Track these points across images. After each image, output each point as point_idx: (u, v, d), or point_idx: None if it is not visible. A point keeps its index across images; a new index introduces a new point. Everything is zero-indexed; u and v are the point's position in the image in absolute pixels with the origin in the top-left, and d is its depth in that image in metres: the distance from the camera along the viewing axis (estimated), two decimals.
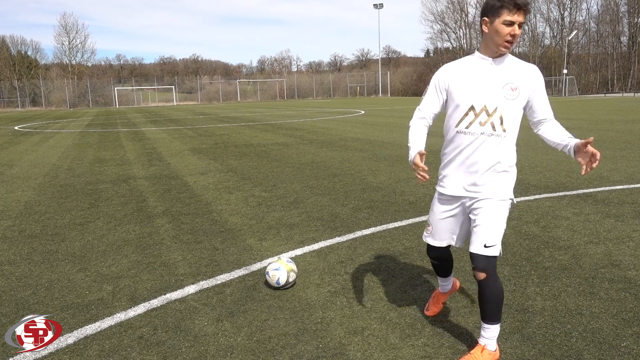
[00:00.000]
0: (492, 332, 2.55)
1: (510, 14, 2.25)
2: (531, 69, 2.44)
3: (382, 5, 72.39)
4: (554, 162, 8.51)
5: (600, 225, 4.79)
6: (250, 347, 2.78)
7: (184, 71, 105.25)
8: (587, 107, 27.17)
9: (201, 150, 11.97)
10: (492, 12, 2.30)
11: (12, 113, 50.17)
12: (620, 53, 64.09)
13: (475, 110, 2.41)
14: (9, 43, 77.10)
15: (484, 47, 2.42)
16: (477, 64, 2.43)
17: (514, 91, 2.38)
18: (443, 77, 2.51)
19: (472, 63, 2.45)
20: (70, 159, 11.20)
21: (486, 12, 2.34)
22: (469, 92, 2.41)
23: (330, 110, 31.80)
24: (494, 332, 2.56)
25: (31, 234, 5.16)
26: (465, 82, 2.43)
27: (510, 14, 2.25)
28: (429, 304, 3.15)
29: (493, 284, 2.48)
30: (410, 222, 5.14)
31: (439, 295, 3.12)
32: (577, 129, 14.27)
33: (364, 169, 8.54)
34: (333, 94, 78.07)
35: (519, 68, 2.42)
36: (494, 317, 2.53)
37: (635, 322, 2.91)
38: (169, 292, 3.54)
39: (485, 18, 2.34)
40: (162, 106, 58.91)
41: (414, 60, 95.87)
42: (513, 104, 2.39)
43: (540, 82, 2.45)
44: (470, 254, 2.52)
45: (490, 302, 2.50)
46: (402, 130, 15.64)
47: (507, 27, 2.27)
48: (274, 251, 4.36)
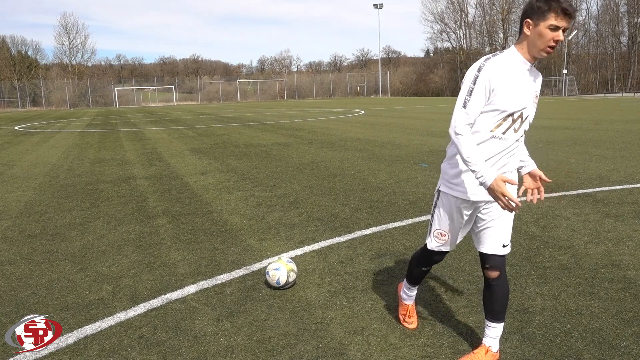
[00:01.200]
0: (497, 331, 2.57)
1: (557, 19, 2.15)
2: (540, 77, 2.47)
3: (382, 5, 72.45)
4: (554, 162, 8.51)
5: (600, 225, 4.79)
6: (250, 347, 2.78)
7: (184, 71, 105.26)
8: (587, 107, 27.16)
9: (201, 150, 11.97)
10: (537, 15, 2.18)
11: (12, 113, 50.18)
12: (620, 53, 64.13)
13: (513, 116, 2.30)
14: (9, 43, 77.22)
15: (522, 50, 2.28)
16: (519, 68, 2.29)
17: (537, 98, 2.40)
18: (494, 78, 2.24)
19: (516, 66, 2.29)
20: (70, 159, 11.20)
21: (530, 14, 2.21)
22: (514, 98, 2.28)
23: (330, 110, 31.79)
24: (499, 331, 2.58)
25: (31, 234, 5.16)
26: (511, 87, 2.27)
27: (557, 19, 2.15)
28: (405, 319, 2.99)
29: (503, 282, 2.53)
30: (410, 222, 5.14)
31: (412, 308, 3.00)
32: (577, 129, 14.27)
33: (364, 169, 8.54)
34: (333, 94, 78.08)
35: (538, 75, 2.43)
36: (501, 316, 2.56)
37: (635, 322, 2.91)
38: (169, 292, 3.54)
39: (528, 20, 2.22)
40: (162, 106, 58.91)
41: (414, 60, 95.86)
42: (535, 110, 2.42)
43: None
44: (483, 254, 2.51)
45: (499, 300, 2.53)
46: (402, 130, 15.64)
47: (552, 32, 2.17)
48: (274, 251, 4.36)
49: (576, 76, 60.74)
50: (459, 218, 2.52)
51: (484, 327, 2.62)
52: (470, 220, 2.57)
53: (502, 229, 2.48)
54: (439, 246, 2.65)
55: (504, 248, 2.50)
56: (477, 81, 2.25)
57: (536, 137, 12.23)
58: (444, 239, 2.61)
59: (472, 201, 2.45)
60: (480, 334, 2.76)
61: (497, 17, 71.31)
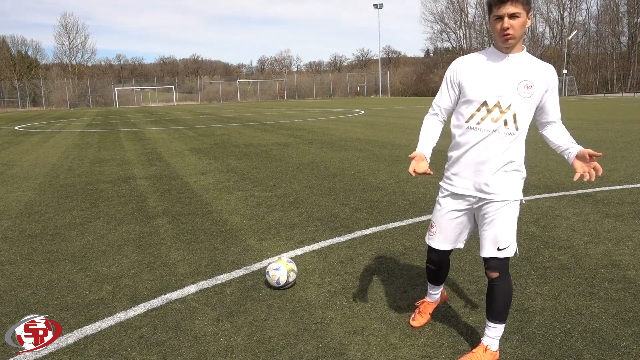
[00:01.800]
0: (497, 331, 2.55)
1: (497, 9, 2.24)
2: (547, 69, 2.38)
3: (382, 5, 72.41)
4: (554, 162, 8.51)
5: (600, 225, 4.79)
6: (250, 347, 2.78)
7: (184, 71, 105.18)
8: (587, 107, 27.17)
9: (201, 150, 11.97)
10: (488, 10, 2.33)
11: (12, 113, 50.18)
12: (620, 53, 64.13)
13: (488, 106, 2.34)
14: (9, 43, 77.14)
15: (496, 44, 2.39)
16: (492, 59, 2.37)
17: (529, 89, 2.32)
18: (456, 71, 2.44)
19: (487, 57, 2.39)
20: (70, 159, 11.20)
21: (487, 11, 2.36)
22: (482, 86, 2.35)
23: (330, 110, 31.80)
24: (499, 332, 2.56)
25: (31, 234, 5.16)
26: (478, 77, 2.37)
27: (497, 9, 2.24)
28: (415, 314, 3.02)
29: (504, 283, 2.49)
30: (410, 222, 5.14)
31: (426, 304, 3.00)
32: (577, 129, 14.27)
33: (364, 169, 8.54)
34: (333, 94, 78.07)
35: (535, 66, 2.36)
36: (500, 317, 2.53)
37: (635, 322, 2.92)
38: (169, 292, 3.55)
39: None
40: (162, 106, 58.91)
41: (414, 60, 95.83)
42: (527, 102, 2.34)
43: (555, 82, 2.39)
44: (482, 257, 2.51)
45: (499, 301, 2.51)
46: (402, 130, 15.65)
47: (498, 22, 2.26)
48: (274, 251, 4.36)
49: (576, 76, 60.76)
50: (451, 212, 2.56)
51: (484, 326, 2.62)
52: (469, 220, 2.58)
53: (496, 232, 2.43)
54: (429, 238, 2.70)
55: (499, 251, 2.44)
56: (445, 77, 2.53)
57: (536, 137, 12.21)
58: (432, 230, 2.66)
59: (458, 194, 2.51)
60: (481, 334, 2.76)
61: None
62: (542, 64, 2.39)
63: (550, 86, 2.39)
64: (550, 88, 2.39)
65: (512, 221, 2.46)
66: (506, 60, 2.34)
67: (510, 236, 2.46)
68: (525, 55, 2.38)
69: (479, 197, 2.45)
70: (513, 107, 2.33)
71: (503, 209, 2.43)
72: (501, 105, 2.33)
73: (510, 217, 2.44)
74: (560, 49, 64.35)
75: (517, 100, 2.33)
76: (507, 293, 2.52)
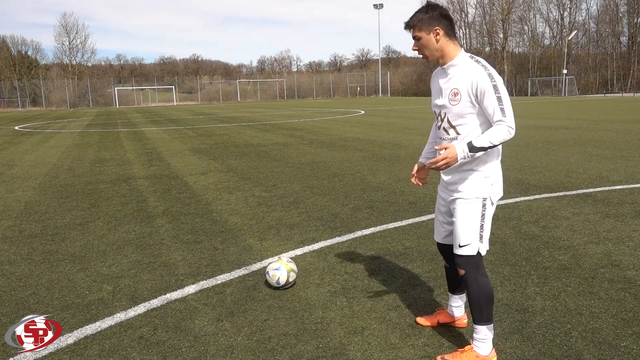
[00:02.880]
0: (480, 333, 2.52)
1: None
2: (474, 73, 2.39)
3: (382, 6, 72.39)
4: (554, 162, 8.51)
5: (600, 225, 4.79)
6: (250, 347, 2.79)
7: (184, 71, 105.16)
8: (587, 107, 27.17)
9: (201, 150, 11.97)
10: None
11: (12, 113, 50.19)
12: (619, 53, 64.10)
13: (436, 115, 2.62)
14: (9, 43, 77.23)
15: None
16: (438, 73, 2.63)
17: (456, 96, 2.46)
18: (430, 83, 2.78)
19: (438, 71, 2.64)
20: (70, 159, 11.20)
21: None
22: (432, 99, 2.65)
23: (330, 110, 31.80)
24: (482, 333, 2.52)
25: (31, 234, 5.16)
26: (432, 90, 2.67)
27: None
28: (427, 316, 3.01)
29: (473, 281, 2.51)
30: (410, 222, 5.14)
31: (441, 313, 2.97)
32: (577, 129, 14.27)
33: (364, 169, 8.54)
34: (333, 94, 78.08)
35: (464, 72, 2.42)
36: (476, 317, 2.53)
37: (635, 322, 2.92)
38: (169, 292, 3.55)
39: None
40: (162, 106, 58.92)
41: (414, 60, 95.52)
42: (456, 108, 2.48)
43: (485, 85, 2.36)
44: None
45: (470, 299, 2.54)
46: (402, 130, 15.65)
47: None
48: (274, 251, 4.36)
49: (576, 76, 60.71)
50: (438, 206, 2.78)
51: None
52: (449, 215, 2.69)
53: (458, 228, 2.53)
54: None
55: (460, 248, 2.53)
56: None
57: (536, 137, 12.23)
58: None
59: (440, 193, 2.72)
60: None
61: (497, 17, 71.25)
62: (471, 69, 2.41)
63: (480, 89, 2.37)
64: (481, 92, 2.37)
65: (472, 219, 2.49)
66: (445, 72, 2.54)
67: (470, 234, 2.50)
68: (460, 62, 2.47)
69: (445, 194, 2.65)
70: (447, 115, 2.53)
71: (463, 206, 2.52)
72: (441, 114, 2.57)
73: (470, 215, 2.49)
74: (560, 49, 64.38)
75: (449, 108, 2.51)
76: (477, 292, 2.50)
